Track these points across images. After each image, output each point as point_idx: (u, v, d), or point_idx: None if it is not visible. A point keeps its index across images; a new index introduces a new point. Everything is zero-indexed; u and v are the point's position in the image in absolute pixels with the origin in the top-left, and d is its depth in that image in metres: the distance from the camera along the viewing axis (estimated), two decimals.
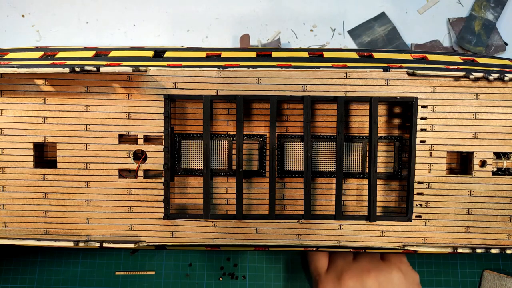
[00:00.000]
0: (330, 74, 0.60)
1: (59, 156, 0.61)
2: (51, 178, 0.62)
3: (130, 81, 0.60)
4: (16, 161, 0.62)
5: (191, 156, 0.64)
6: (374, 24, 0.86)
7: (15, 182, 0.62)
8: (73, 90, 0.61)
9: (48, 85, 0.61)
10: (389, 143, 0.64)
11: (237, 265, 0.80)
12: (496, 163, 0.62)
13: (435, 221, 0.62)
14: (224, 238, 0.62)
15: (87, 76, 0.60)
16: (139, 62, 0.63)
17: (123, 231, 0.62)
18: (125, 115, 0.61)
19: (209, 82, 0.60)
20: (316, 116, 0.64)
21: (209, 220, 0.61)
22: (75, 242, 0.60)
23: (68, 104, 0.61)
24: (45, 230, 0.62)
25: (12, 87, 0.61)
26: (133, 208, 0.62)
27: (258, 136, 0.64)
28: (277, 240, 0.62)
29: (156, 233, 0.62)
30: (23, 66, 0.59)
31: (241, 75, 0.60)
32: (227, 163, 0.64)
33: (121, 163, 0.62)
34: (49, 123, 0.61)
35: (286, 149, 0.64)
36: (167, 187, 0.61)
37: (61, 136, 0.61)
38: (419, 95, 0.60)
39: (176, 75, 0.60)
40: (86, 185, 0.61)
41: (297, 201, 0.64)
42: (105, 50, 0.68)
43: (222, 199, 0.64)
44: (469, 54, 0.77)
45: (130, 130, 0.61)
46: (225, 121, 0.64)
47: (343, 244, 0.62)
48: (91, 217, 0.62)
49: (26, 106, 0.61)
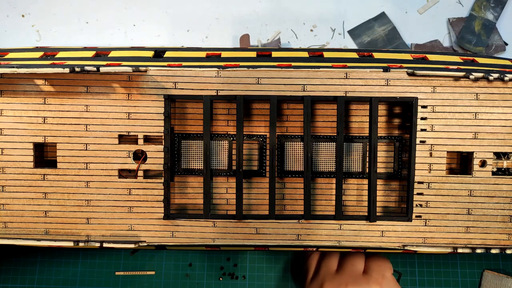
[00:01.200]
0: (330, 74, 0.60)
1: (59, 156, 0.61)
2: (51, 178, 0.61)
3: (130, 81, 0.60)
4: (16, 161, 0.62)
5: (191, 156, 0.64)
6: (374, 24, 0.86)
7: (15, 182, 0.62)
8: (73, 90, 0.61)
9: (48, 85, 0.61)
10: (389, 143, 0.64)
11: (237, 265, 0.80)
12: (496, 163, 0.62)
13: (435, 221, 0.62)
14: (224, 238, 0.62)
15: (87, 76, 0.60)
16: (139, 62, 0.63)
17: (123, 231, 0.62)
18: (125, 115, 0.61)
19: (209, 82, 0.60)
20: (316, 116, 0.63)
21: (209, 220, 0.61)
22: (75, 242, 0.60)
23: (68, 104, 0.61)
24: (45, 230, 0.62)
25: (12, 87, 0.61)
26: (133, 208, 0.62)
27: (258, 136, 0.64)
28: (277, 240, 0.62)
29: (156, 233, 0.62)
30: (23, 66, 0.59)
31: (241, 75, 0.60)
32: (227, 163, 0.64)
33: (121, 163, 0.62)
34: (49, 123, 0.61)
35: (286, 149, 0.64)
36: (167, 187, 0.61)
37: (61, 136, 0.61)
38: (419, 95, 0.60)
39: (176, 75, 0.60)
40: (86, 185, 0.61)
41: (297, 201, 0.64)
42: (105, 50, 0.68)
43: (222, 199, 0.64)
44: (469, 54, 0.76)
45: (130, 130, 0.61)
46: (225, 121, 0.64)
47: (343, 244, 0.62)
48: (91, 217, 0.62)
49: (26, 106, 0.61)
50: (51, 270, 0.80)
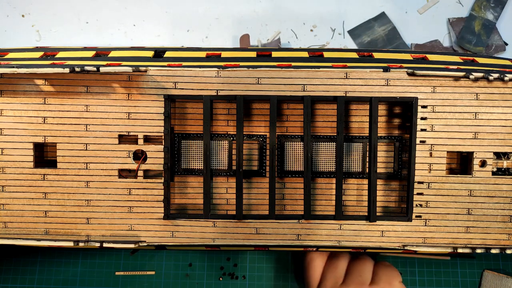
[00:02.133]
0: (330, 74, 0.60)
1: (59, 156, 0.61)
2: (51, 178, 0.61)
3: (130, 81, 0.60)
4: (16, 161, 0.61)
5: (191, 156, 0.64)
6: (374, 24, 0.86)
7: (15, 182, 0.62)
8: (73, 90, 0.61)
9: (48, 85, 0.61)
10: (389, 143, 0.64)
11: (237, 265, 0.80)
12: (496, 163, 0.62)
13: (435, 221, 0.62)
14: (224, 238, 0.62)
15: (87, 76, 0.60)
16: (139, 62, 0.63)
17: (123, 231, 0.62)
18: (125, 115, 0.61)
19: (209, 82, 0.60)
20: (316, 116, 0.63)
21: (209, 220, 0.61)
22: (75, 242, 0.60)
23: (68, 104, 0.61)
24: (45, 230, 0.62)
25: (12, 87, 0.61)
26: (133, 208, 0.62)
27: (258, 136, 0.64)
28: (277, 240, 0.62)
29: (156, 233, 0.62)
30: (23, 66, 0.59)
31: (241, 75, 0.60)
32: (227, 163, 0.64)
33: (121, 163, 0.62)
34: (49, 123, 0.61)
35: (286, 149, 0.64)
36: (167, 187, 0.61)
37: (61, 136, 0.61)
38: (419, 95, 0.60)
39: (176, 75, 0.60)
40: (86, 185, 0.61)
41: (297, 201, 0.64)
42: (105, 50, 0.68)
43: (222, 199, 0.64)
44: (469, 54, 0.76)
45: (130, 130, 0.61)
46: (225, 121, 0.64)
47: (343, 244, 0.62)
48: (91, 217, 0.62)
49: (26, 106, 0.61)
50: (51, 270, 0.80)
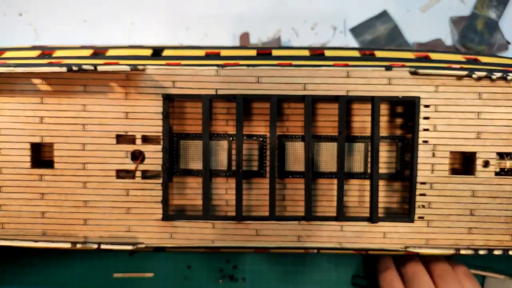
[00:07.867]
0: (332, 73, 0.60)
1: (56, 156, 0.61)
2: (48, 178, 0.61)
3: (128, 80, 0.60)
4: (13, 161, 0.61)
5: (190, 157, 0.63)
6: (376, 22, 0.86)
7: (11, 182, 0.61)
8: (70, 89, 0.60)
9: (45, 84, 0.60)
10: (391, 143, 0.64)
11: (236, 267, 0.79)
12: (499, 164, 0.62)
13: (437, 222, 0.61)
14: (223, 240, 0.61)
15: (85, 75, 0.60)
16: (137, 60, 0.62)
17: (121, 232, 0.61)
18: (123, 114, 0.60)
19: (208, 81, 0.59)
20: (317, 116, 0.63)
21: (208, 222, 0.61)
22: (72, 244, 0.60)
23: (65, 103, 0.60)
24: (42, 231, 0.61)
25: (9, 87, 0.60)
26: (131, 209, 0.61)
27: (258, 136, 0.63)
28: (277, 241, 0.61)
29: (154, 235, 0.61)
30: (20, 65, 0.58)
31: (241, 74, 0.60)
32: (227, 163, 0.64)
33: (119, 164, 0.61)
34: (46, 123, 0.61)
35: (287, 149, 0.63)
36: (166, 188, 0.61)
37: (59, 136, 0.61)
38: (421, 94, 0.60)
39: (174, 73, 0.60)
40: (83, 185, 0.61)
41: (298, 202, 0.63)
42: (103, 49, 0.67)
43: (221, 200, 0.64)
44: (471, 53, 0.76)
45: (128, 130, 0.60)
46: (225, 120, 0.63)
47: (345, 245, 0.61)
48: (88, 218, 0.61)
49: (23, 105, 0.60)
50: (48, 272, 0.79)
